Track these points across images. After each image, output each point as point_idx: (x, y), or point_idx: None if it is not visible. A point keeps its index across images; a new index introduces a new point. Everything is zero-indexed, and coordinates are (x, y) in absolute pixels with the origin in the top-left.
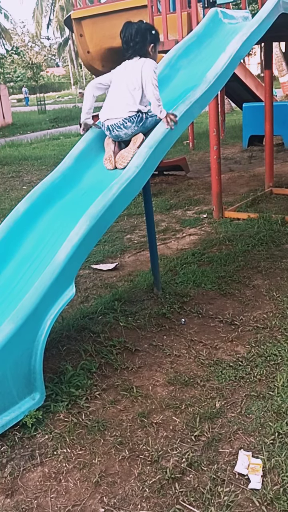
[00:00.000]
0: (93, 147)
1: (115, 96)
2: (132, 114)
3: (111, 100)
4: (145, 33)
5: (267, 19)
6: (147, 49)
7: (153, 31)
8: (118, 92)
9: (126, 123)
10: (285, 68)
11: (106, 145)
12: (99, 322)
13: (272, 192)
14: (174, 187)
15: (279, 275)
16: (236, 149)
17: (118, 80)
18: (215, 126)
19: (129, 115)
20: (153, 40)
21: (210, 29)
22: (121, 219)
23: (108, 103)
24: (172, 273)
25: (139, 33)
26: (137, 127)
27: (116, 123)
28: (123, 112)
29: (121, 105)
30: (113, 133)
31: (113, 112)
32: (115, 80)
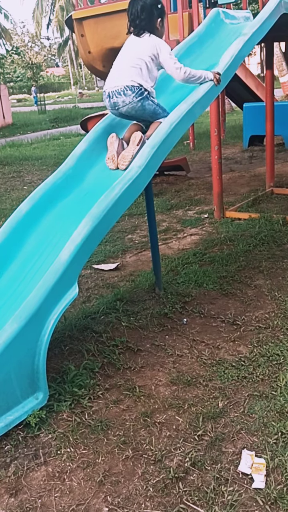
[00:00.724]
0: (95, 147)
1: (120, 66)
2: (134, 84)
3: (115, 69)
4: (151, 8)
5: (268, 19)
6: (154, 24)
7: (159, 5)
8: (124, 63)
9: (126, 91)
10: (285, 68)
11: (109, 144)
12: (101, 322)
13: (273, 192)
14: (175, 187)
15: (281, 275)
16: (236, 149)
17: (124, 52)
18: (216, 126)
19: (131, 84)
20: (160, 14)
21: (211, 29)
22: (122, 219)
23: (112, 73)
24: (174, 273)
25: (145, 9)
26: (135, 98)
27: (117, 89)
28: (126, 81)
29: (125, 74)
30: (112, 100)
31: (116, 80)
32: (122, 52)
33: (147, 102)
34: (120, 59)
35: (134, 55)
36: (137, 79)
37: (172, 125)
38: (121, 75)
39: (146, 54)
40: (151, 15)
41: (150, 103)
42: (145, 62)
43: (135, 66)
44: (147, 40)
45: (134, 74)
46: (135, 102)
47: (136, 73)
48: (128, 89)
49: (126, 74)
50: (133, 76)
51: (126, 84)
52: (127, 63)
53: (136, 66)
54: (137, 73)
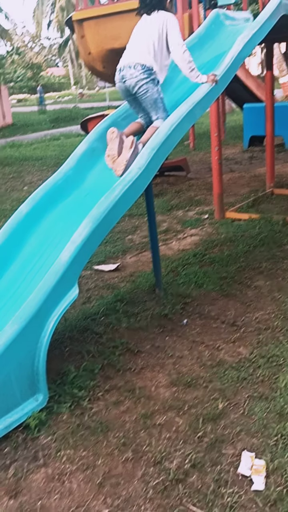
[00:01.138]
0: (95, 148)
1: (134, 45)
2: (146, 64)
3: (130, 48)
4: None
5: (268, 20)
6: (164, 4)
7: None
8: (137, 43)
9: (137, 66)
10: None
11: (109, 140)
12: (102, 323)
13: (273, 193)
14: (175, 187)
15: (281, 276)
16: (236, 149)
17: (138, 31)
18: (216, 127)
19: (143, 62)
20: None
21: (211, 30)
22: (123, 219)
23: (126, 51)
24: (174, 274)
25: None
26: (143, 75)
27: (129, 64)
28: (139, 59)
29: (139, 53)
30: (122, 72)
31: (129, 57)
32: (135, 32)
33: (152, 85)
34: (134, 39)
35: (148, 34)
36: (150, 61)
37: (173, 126)
38: (135, 53)
39: (156, 29)
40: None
41: (155, 91)
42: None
43: (148, 47)
44: (157, 15)
45: (146, 55)
46: (141, 78)
47: (147, 53)
48: (139, 66)
49: (139, 52)
50: (145, 56)
51: (138, 61)
52: (141, 41)
53: (148, 48)
54: (148, 53)
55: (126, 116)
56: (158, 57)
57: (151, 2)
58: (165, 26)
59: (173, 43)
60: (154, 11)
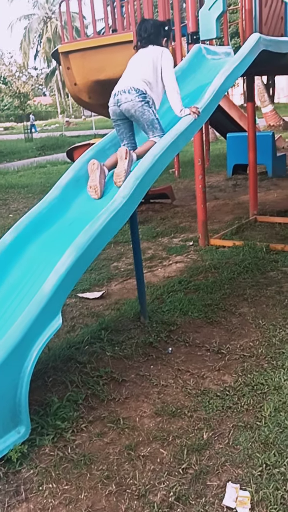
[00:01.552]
0: (80, 177)
1: (129, 73)
2: (140, 88)
3: (125, 75)
4: (159, 27)
5: (248, 55)
6: (161, 41)
7: (166, 27)
8: (132, 71)
9: (131, 90)
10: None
11: (90, 172)
12: (86, 352)
13: (257, 220)
14: (160, 214)
15: (265, 302)
16: (221, 177)
17: (134, 62)
18: (200, 156)
19: (137, 86)
20: (165, 34)
21: (194, 64)
22: (108, 246)
23: (122, 78)
24: (159, 301)
25: (154, 27)
26: (138, 98)
27: (124, 88)
28: (134, 83)
29: (134, 78)
30: (117, 97)
31: (125, 83)
32: (131, 62)
33: (147, 107)
34: (129, 69)
35: (143, 64)
36: (144, 86)
37: (156, 157)
38: (130, 79)
39: (151, 61)
40: (158, 33)
41: (151, 112)
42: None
43: (142, 74)
44: (152, 48)
45: (141, 81)
46: (136, 101)
47: (142, 80)
48: (134, 90)
49: (134, 78)
50: (139, 82)
51: (133, 85)
52: (136, 70)
53: (143, 74)
54: (143, 80)
55: (111, 146)
56: (154, 86)
57: (148, 38)
58: (159, 60)
59: (166, 77)
60: (151, 45)
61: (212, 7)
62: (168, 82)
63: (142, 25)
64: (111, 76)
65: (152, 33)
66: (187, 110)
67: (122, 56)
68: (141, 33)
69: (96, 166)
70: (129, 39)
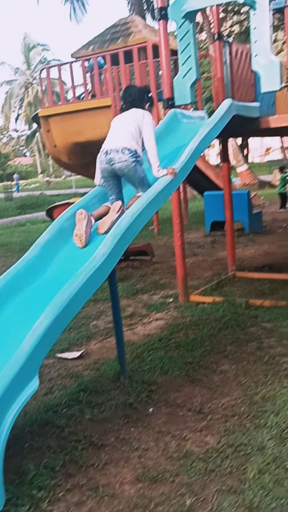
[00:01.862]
0: (59, 236)
1: (117, 131)
2: (132, 148)
3: (114, 134)
4: (143, 93)
5: (221, 120)
6: (144, 106)
7: (149, 94)
8: (120, 131)
9: (124, 151)
10: (242, 159)
11: (77, 221)
12: (64, 415)
13: (235, 276)
14: (140, 271)
15: (246, 359)
16: (199, 234)
17: (118, 123)
18: (178, 214)
19: (129, 146)
20: (148, 100)
21: (170, 127)
22: (87, 305)
23: (110, 136)
24: (139, 360)
25: (139, 92)
26: (131, 159)
27: (116, 148)
28: (124, 143)
29: (123, 138)
30: (109, 155)
31: (115, 142)
32: (116, 123)
33: (139, 166)
34: (116, 128)
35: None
36: (135, 145)
37: (135, 215)
38: (120, 138)
39: (137, 126)
40: (142, 98)
41: (141, 170)
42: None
43: (131, 135)
44: (135, 111)
45: (131, 140)
46: (130, 161)
47: (132, 139)
48: (127, 150)
49: (124, 138)
50: (130, 141)
51: (125, 145)
52: (123, 128)
53: (132, 135)
54: (132, 139)
55: (96, 201)
56: (140, 145)
57: (133, 102)
58: (141, 121)
59: (146, 139)
60: (133, 108)
61: (186, 75)
62: (148, 144)
63: (128, 90)
64: (90, 138)
65: (137, 98)
66: (164, 170)
67: (101, 120)
68: (126, 97)
69: (83, 216)
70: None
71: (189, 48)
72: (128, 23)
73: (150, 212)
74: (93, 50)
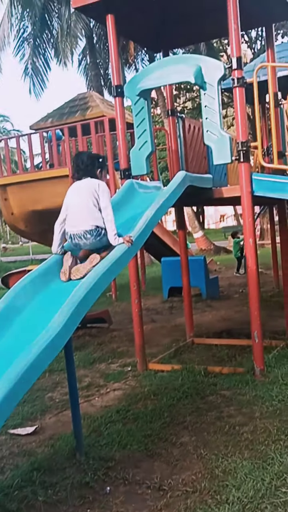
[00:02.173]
0: (13, 305)
1: (76, 210)
2: (92, 228)
3: (74, 214)
4: (93, 160)
5: (176, 190)
6: (95, 172)
7: (100, 159)
8: (79, 207)
9: (86, 235)
10: (198, 226)
11: (64, 261)
12: (15, 498)
13: (194, 342)
14: (97, 339)
15: (206, 430)
16: (157, 299)
17: (76, 200)
18: (135, 280)
19: (89, 228)
20: (100, 166)
21: (127, 197)
22: (42, 375)
23: (71, 215)
24: (96, 434)
25: (90, 159)
26: (95, 239)
27: (78, 233)
28: (85, 225)
29: (83, 219)
30: (74, 241)
31: (76, 225)
32: (73, 198)
33: (105, 237)
34: (73, 203)
35: (85, 200)
36: (93, 222)
37: (92, 283)
38: (79, 222)
39: (90, 195)
40: (93, 165)
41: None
42: (96, 205)
43: (89, 211)
44: (87, 182)
45: (90, 218)
46: (95, 242)
47: (91, 218)
48: (88, 233)
49: (84, 218)
50: (89, 220)
51: (85, 228)
52: (81, 206)
53: (90, 211)
54: (92, 216)
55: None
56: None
57: (85, 169)
58: (96, 192)
59: (103, 208)
60: (86, 177)
61: (142, 147)
62: (105, 212)
63: (79, 157)
64: (48, 206)
65: (88, 165)
66: (121, 239)
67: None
68: (78, 163)
69: (69, 256)
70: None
71: (144, 123)
72: (86, 98)
73: (107, 279)
74: (51, 123)
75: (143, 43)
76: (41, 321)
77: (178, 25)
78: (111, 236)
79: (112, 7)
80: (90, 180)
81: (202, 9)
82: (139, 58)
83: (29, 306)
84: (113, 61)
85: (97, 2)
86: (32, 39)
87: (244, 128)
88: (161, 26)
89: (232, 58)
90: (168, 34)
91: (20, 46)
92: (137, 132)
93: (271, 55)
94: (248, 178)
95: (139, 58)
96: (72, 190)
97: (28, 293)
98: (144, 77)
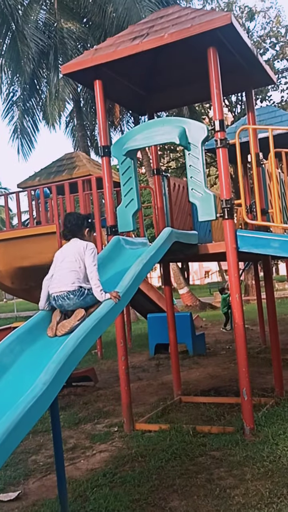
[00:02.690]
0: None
1: (60, 271)
2: (75, 288)
3: (57, 275)
4: (83, 220)
5: (162, 246)
6: (83, 232)
7: (89, 220)
8: (63, 269)
9: (69, 296)
10: (183, 282)
11: (53, 317)
12: None
13: (181, 401)
14: (83, 398)
15: (196, 493)
16: (143, 356)
17: (62, 259)
18: (122, 337)
19: (72, 288)
20: (88, 226)
21: (113, 253)
22: (26, 437)
23: (55, 277)
24: (82, 499)
25: (79, 220)
26: (78, 300)
27: (61, 294)
28: (68, 286)
29: (66, 279)
30: (58, 302)
31: (60, 286)
32: (59, 259)
33: (89, 297)
34: (60, 266)
35: (70, 261)
36: (76, 283)
37: (78, 340)
38: (62, 281)
39: (80, 260)
40: (81, 225)
41: (91, 296)
42: (81, 266)
43: (73, 272)
44: (75, 243)
45: (74, 279)
46: (78, 302)
47: (75, 279)
48: (71, 294)
49: (67, 279)
50: (73, 280)
51: (68, 289)
52: (66, 267)
53: (74, 273)
54: (76, 277)
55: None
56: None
57: (72, 229)
58: (83, 254)
59: (88, 268)
60: (73, 238)
61: (128, 205)
62: (90, 272)
63: (68, 218)
64: (35, 263)
65: (74, 225)
66: (108, 294)
67: (46, 246)
68: (67, 224)
69: (58, 312)
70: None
71: (131, 181)
72: (73, 157)
73: (94, 336)
74: (39, 181)
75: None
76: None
77: (163, 91)
78: (97, 292)
79: (100, 73)
80: (77, 241)
81: (186, 76)
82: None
83: (15, 363)
84: (100, 123)
85: (86, 68)
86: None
87: (228, 186)
88: (146, 91)
89: (215, 121)
90: (153, 99)
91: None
92: (124, 190)
93: (252, 118)
94: (233, 234)
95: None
96: (60, 252)
97: (15, 350)
98: (130, 138)
